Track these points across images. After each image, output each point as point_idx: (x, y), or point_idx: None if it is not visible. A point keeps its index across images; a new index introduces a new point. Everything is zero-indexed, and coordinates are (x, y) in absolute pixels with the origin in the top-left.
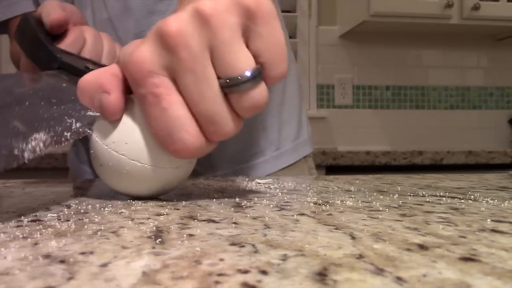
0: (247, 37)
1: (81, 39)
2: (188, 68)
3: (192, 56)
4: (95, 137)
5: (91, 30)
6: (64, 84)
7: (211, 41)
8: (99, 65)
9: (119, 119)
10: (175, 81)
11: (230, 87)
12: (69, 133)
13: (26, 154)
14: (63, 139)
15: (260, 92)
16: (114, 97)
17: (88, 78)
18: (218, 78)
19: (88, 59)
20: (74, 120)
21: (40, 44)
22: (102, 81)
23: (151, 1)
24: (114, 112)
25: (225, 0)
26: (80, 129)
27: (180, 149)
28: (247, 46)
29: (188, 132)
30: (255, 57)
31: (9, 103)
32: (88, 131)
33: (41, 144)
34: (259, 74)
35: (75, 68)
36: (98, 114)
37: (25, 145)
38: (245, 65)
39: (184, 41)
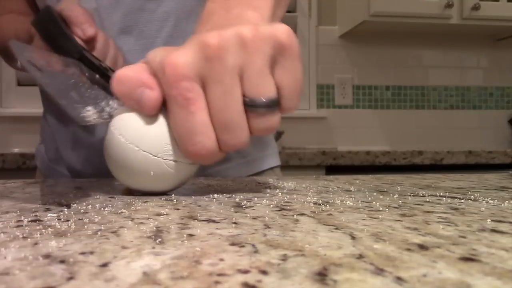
0: (273, 67)
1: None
2: (219, 79)
3: (225, 69)
4: (134, 147)
5: (101, 33)
6: (86, 74)
7: (244, 62)
8: (107, 67)
9: (151, 122)
10: (204, 89)
11: (251, 106)
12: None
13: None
14: (104, 116)
15: (274, 118)
16: (157, 93)
17: (128, 72)
18: (243, 95)
19: (99, 59)
20: (103, 104)
21: (65, 36)
22: (143, 77)
23: None
24: (153, 108)
25: (264, 31)
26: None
27: (197, 150)
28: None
29: (208, 136)
30: (277, 87)
31: (63, 77)
32: (120, 137)
33: (95, 116)
34: (277, 103)
35: (92, 63)
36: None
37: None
38: (267, 92)
39: (222, 54)
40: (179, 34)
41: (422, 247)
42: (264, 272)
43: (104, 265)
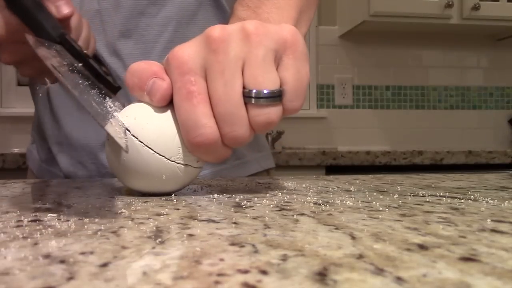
0: (277, 64)
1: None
2: (220, 70)
3: (227, 61)
4: (149, 149)
5: (76, 12)
6: (76, 65)
7: (246, 54)
8: (87, 54)
9: (164, 124)
10: (206, 81)
11: (251, 97)
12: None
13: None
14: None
15: (275, 111)
16: (167, 84)
17: (142, 64)
18: (243, 88)
19: (78, 44)
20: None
21: (42, 12)
22: (156, 69)
23: (144, 2)
24: (163, 98)
25: (268, 27)
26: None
27: (200, 142)
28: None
29: (210, 127)
30: (280, 84)
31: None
32: (139, 140)
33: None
34: (279, 96)
35: (74, 48)
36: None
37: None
38: (269, 84)
39: (224, 47)
40: (179, 39)
41: (422, 247)
42: (264, 272)
43: (104, 265)
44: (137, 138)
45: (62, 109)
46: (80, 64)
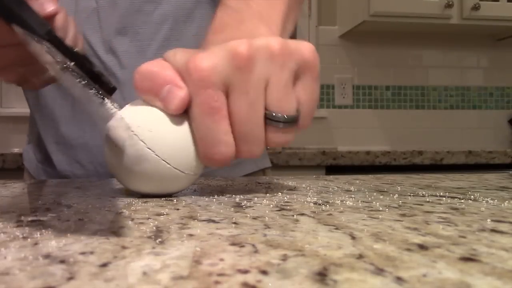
0: (294, 83)
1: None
2: (245, 90)
3: (252, 81)
4: (165, 164)
5: (63, 10)
6: (68, 63)
7: (271, 76)
8: (80, 53)
9: (179, 135)
10: (227, 97)
11: (271, 120)
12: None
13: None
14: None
15: (292, 133)
16: (185, 93)
17: (154, 68)
18: (265, 108)
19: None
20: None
21: (30, 12)
22: (171, 74)
23: (140, 0)
24: (180, 108)
25: (290, 45)
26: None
27: (217, 159)
28: None
29: (229, 145)
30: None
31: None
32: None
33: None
34: (296, 121)
35: (64, 45)
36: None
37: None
38: (289, 109)
39: (251, 65)
40: (175, 37)
41: (422, 247)
42: (264, 272)
43: (104, 265)
44: (153, 152)
45: (57, 109)
46: (73, 63)
